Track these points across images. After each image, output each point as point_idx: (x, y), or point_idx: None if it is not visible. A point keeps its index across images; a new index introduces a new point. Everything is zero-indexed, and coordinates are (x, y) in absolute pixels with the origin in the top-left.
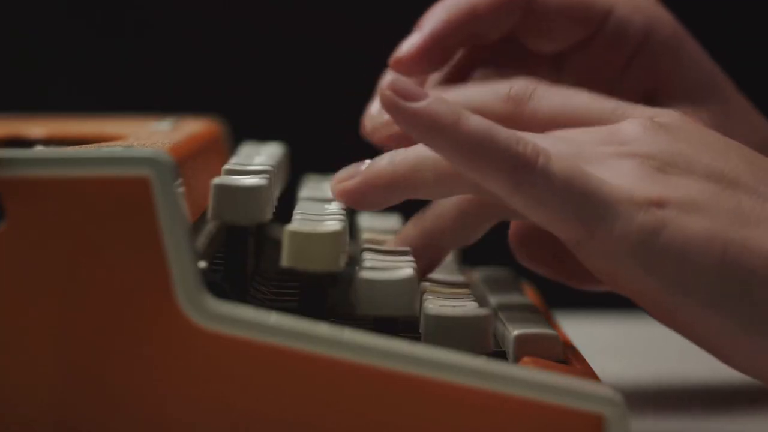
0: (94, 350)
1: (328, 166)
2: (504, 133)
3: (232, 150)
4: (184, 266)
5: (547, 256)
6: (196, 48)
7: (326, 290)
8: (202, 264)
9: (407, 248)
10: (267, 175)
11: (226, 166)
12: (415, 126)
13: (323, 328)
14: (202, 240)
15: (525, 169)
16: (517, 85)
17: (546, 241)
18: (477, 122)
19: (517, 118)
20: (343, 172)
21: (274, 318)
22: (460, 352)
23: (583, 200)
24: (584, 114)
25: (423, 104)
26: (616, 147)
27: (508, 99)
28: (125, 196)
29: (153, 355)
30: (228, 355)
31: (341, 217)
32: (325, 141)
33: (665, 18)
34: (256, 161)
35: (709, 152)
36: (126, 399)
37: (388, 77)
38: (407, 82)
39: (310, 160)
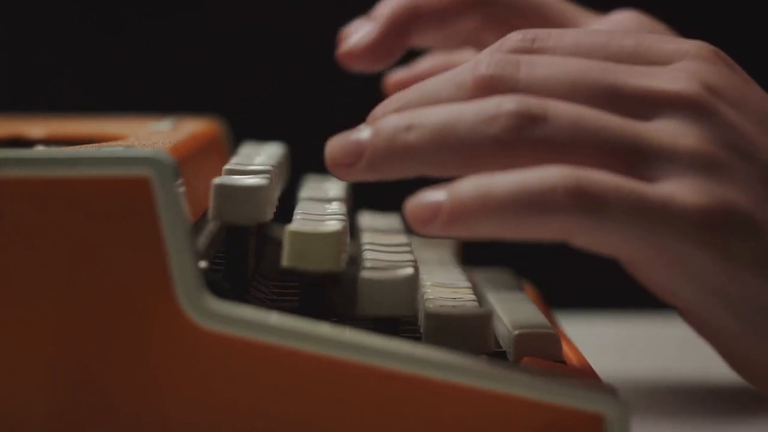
0: (95, 350)
1: None
2: (534, 177)
3: (232, 150)
4: (184, 266)
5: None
6: (196, 48)
7: (327, 290)
8: (203, 264)
9: (408, 246)
10: (267, 175)
11: (227, 166)
12: (454, 232)
13: (324, 328)
14: (202, 240)
15: (579, 210)
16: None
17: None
18: (504, 184)
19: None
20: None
21: (275, 318)
22: (460, 351)
23: (647, 226)
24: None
25: (444, 215)
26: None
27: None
28: (126, 196)
29: (153, 355)
30: (228, 355)
31: (342, 216)
32: (325, 141)
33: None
34: (257, 161)
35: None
36: (126, 399)
37: (407, 206)
38: (422, 204)
39: (310, 160)
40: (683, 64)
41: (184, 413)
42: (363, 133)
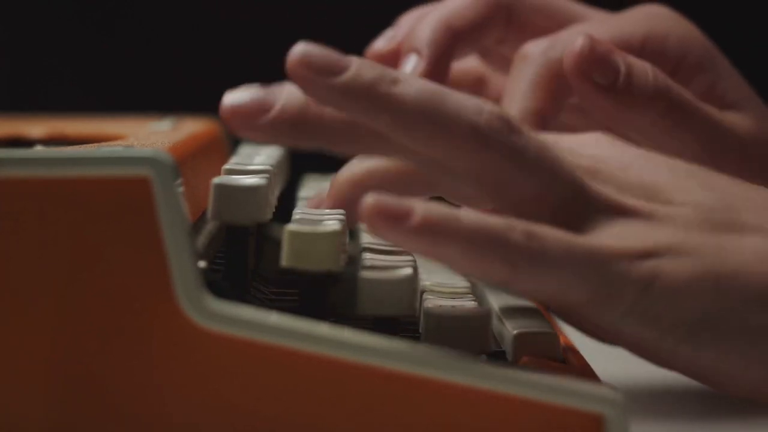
0: (94, 350)
1: (328, 166)
2: (493, 219)
3: (232, 150)
4: (184, 266)
5: None
6: (196, 48)
7: (326, 290)
8: (202, 264)
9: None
10: (267, 175)
11: (226, 166)
12: (416, 243)
13: (323, 328)
14: (202, 240)
15: (525, 251)
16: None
17: None
18: (470, 216)
19: None
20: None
21: (274, 318)
22: (459, 351)
23: (579, 269)
24: None
25: (415, 222)
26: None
27: None
28: (125, 196)
29: (153, 355)
30: (228, 355)
31: (341, 216)
32: None
33: (697, 37)
34: (256, 161)
35: (666, 171)
36: (125, 398)
37: (369, 200)
38: (393, 204)
39: (310, 160)
40: (589, 149)
41: (183, 413)
42: (348, 59)
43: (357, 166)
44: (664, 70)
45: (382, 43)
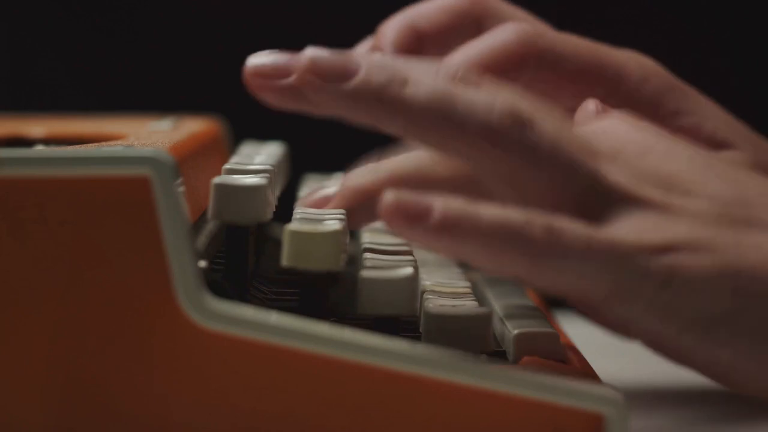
0: (94, 350)
1: (328, 166)
2: (513, 212)
3: (232, 149)
4: (184, 266)
5: None
6: (196, 48)
7: (326, 290)
8: (203, 263)
9: (407, 246)
10: (267, 175)
11: (227, 166)
12: (436, 242)
13: (324, 328)
14: (202, 239)
15: (545, 246)
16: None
17: None
18: (490, 211)
19: None
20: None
21: (275, 317)
22: (460, 351)
23: (599, 264)
24: None
25: (435, 221)
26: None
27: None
28: (125, 196)
29: (153, 355)
30: (228, 355)
31: (341, 216)
32: (325, 141)
33: (674, 82)
34: (257, 161)
35: (694, 167)
36: (125, 398)
37: (388, 198)
38: (412, 202)
39: (310, 159)
40: (610, 135)
41: (183, 413)
42: (358, 62)
43: (366, 174)
44: (644, 114)
45: (361, 51)
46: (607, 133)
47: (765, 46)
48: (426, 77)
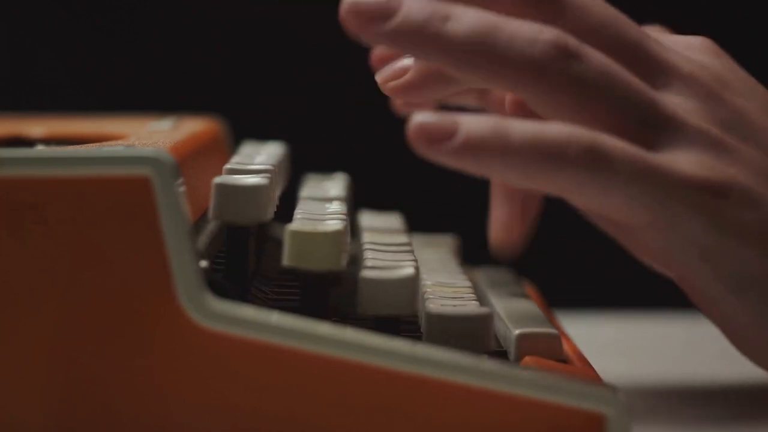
0: (94, 350)
1: (328, 166)
2: (551, 129)
3: (232, 149)
4: (185, 266)
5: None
6: (196, 48)
7: (327, 290)
8: (204, 263)
9: (408, 246)
10: (268, 175)
11: (227, 166)
12: (460, 162)
13: (325, 328)
14: (203, 239)
15: (587, 166)
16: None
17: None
18: (521, 129)
19: None
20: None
21: (276, 317)
22: (461, 351)
23: (648, 188)
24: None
25: (459, 141)
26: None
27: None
28: (126, 196)
29: (154, 355)
30: (229, 355)
31: (342, 216)
32: (325, 141)
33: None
34: (257, 160)
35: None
36: (126, 398)
37: (415, 120)
38: (436, 122)
39: (311, 159)
40: (693, 53)
41: (184, 413)
42: (398, 2)
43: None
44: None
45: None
46: (692, 48)
47: (765, 46)
48: (468, 12)
